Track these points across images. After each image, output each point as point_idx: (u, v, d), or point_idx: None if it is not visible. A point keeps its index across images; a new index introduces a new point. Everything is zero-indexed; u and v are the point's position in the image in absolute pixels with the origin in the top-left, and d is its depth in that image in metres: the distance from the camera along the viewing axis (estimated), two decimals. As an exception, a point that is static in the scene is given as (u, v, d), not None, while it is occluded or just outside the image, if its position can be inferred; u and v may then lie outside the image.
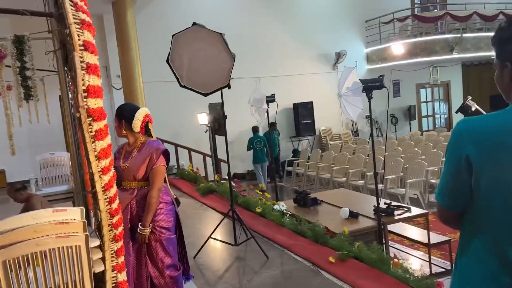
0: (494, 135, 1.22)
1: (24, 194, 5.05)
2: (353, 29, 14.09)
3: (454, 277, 1.33)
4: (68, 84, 3.07)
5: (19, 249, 2.18)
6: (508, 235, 1.20)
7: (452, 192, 1.33)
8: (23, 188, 5.07)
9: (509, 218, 1.20)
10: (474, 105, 2.22)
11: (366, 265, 3.59)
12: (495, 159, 1.21)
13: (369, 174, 8.35)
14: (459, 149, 1.27)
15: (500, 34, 1.28)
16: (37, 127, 8.98)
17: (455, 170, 1.29)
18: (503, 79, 1.30)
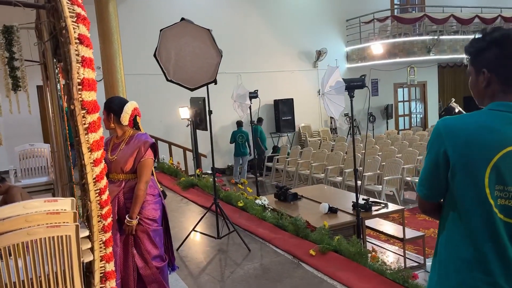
0: (468, 132, 1.34)
1: (3, 186, 4.98)
2: (334, 28, 14.29)
3: (434, 264, 1.45)
4: (56, 76, 3.08)
5: (10, 238, 2.20)
6: (480, 227, 1.32)
7: (430, 184, 1.45)
8: (2, 180, 4.99)
9: (481, 211, 1.32)
10: (458, 107, 2.37)
11: (345, 258, 3.73)
12: (468, 155, 1.33)
13: (347, 171, 8.55)
14: (437, 145, 1.39)
15: (475, 44, 1.40)
16: (13, 118, 8.82)
17: (434, 164, 1.41)
18: (478, 85, 1.42)
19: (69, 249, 2.37)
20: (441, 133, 1.38)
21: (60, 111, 3.09)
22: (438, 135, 1.39)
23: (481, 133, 1.32)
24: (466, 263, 1.33)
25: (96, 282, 2.55)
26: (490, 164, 1.30)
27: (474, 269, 1.32)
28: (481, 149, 1.31)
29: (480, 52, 1.39)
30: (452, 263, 1.37)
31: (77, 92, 2.16)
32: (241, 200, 5.64)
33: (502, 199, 1.30)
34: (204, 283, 3.64)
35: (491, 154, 1.30)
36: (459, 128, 1.36)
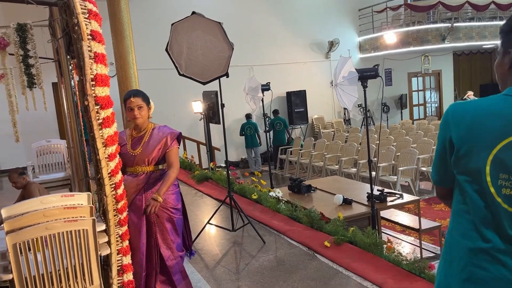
0: (473, 117, 1.29)
1: (23, 180, 5.08)
2: (346, 18, 14.13)
3: (444, 251, 1.43)
4: (70, 72, 3.12)
5: (29, 233, 2.25)
6: (482, 217, 1.28)
7: (439, 170, 1.43)
8: (22, 174, 5.09)
9: (482, 200, 1.28)
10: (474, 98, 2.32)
11: (360, 249, 3.72)
12: (469, 141, 1.28)
13: (361, 162, 8.50)
14: (445, 130, 1.36)
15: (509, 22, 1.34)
16: (29, 115, 8.97)
17: (442, 150, 1.39)
18: (503, 65, 1.35)
19: (87, 243, 2.41)
20: (448, 118, 1.35)
21: (74, 107, 3.13)
22: (445, 120, 1.36)
23: (487, 118, 1.26)
24: (472, 251, 1.31)
25: (113, 275, 2.60)
26: (493, 152, 1.24)
27: (478, 257, 1.29)
28: (484, 135, 1.25)
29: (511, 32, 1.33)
30: (456, 251, 1.36)
31: (91, 88, 2.18)
32: (255, 192, 5.65)
33: (507, 189, 1.24)
34: (219, 275, 3.67)
35: (495, 141, 1.24)
36: (465, 112, 1.31)
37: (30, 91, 3.85)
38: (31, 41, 3.54)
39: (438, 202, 7.64)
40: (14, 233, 2.23)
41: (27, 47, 3.50)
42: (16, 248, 2.24)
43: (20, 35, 3.42)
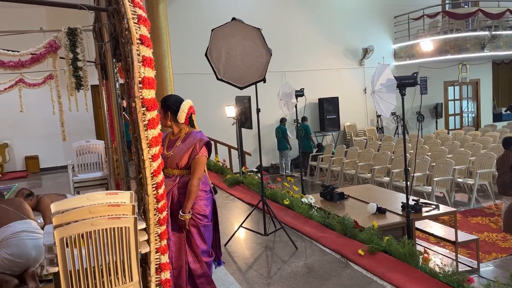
0: None
1: (33, 200, 4.63)
2: (381, 25, 13.97)
3: None
4: (115, 75, 3.23)
5: (76, 228, 2.34)
6: None
7: None
8: (31, 195, 4.66)
9: None
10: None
11: (395, 259, 3.66)
12: None
13: (395, 171, 8.35)
14: None
15: None
16: (68, 116, 9.34)
17: None
18: None
19: (128, 240, 2.49)
20: None
21: (118, 109, 3.24)
22: None
23: None
24: None
25: (152, 273, 2.66)
26: None
27: None
28: None
29: None
30: None
31: (138, 90, 2.26)
32: (287, 198, 5.65)
33: None
34: (251, 279, 3.69)
35: None
36: None
37: (77, 92, 4.01)
38: (80, 44, 3.70)
39: (475, 214, 7.42)
40: (62, 227, 2.32)
41: (76, 50, 3.66)
42: (63, 242, 2.33)
43: (71, 39, 3.58)
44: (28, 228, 3.72)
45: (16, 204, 3.96)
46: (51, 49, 3.76)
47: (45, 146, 10.49)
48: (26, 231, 3.67)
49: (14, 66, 3.90)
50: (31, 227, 3.74)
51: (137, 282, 2.59)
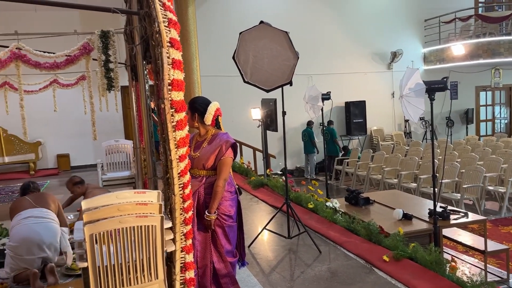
0: None
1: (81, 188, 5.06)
2: (410, 28, 13.74)
3: None
4: (145, 77, 3.31)
5: (105, 225, 2.41)
6: None
7: None
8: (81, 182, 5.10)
9: None
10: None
11: (421, 266, 3.59)
12: None
13: (422, 177, 8.19)
14: None
15: None
16: (99, 116, 9.57)
17: None
18: None
19: (154, 238, 2.54)
20: None
21: (147, 110, 3.32)
22: None
23: None
24: None
25: (176, 271, 2.71)
26: None
27: None
28: None
29: None
30: None
31: (167, 92, 2.31)
32: (311, 201, 5.63)
33: None
34: (275, 281, 3.70)
35: None
36: None
37: (109, 93, 4.13)
38: (112, 47, 3.81)
39: (506, 224, 7.19)
40: (92, 224, 2.40)
41: (108, 53, 3.78)
42: (92, 238, 2.41)
43: (103, 41, 3.70)
44: (34, 213, 3.75)
45: (39, 197, 4.01)
46: (85, 51, 3.89)
47: (76, 144, 10.79)
48: (32, 217, 3.72)
49: (50, 67, 4.06)
50: (38, 213, 3.77)
51: (162, 280, 2.64)
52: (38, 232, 3.63)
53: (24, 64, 3.86)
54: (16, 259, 3.60)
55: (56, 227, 3.81)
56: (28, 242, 3.58)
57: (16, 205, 3.91)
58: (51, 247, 3.69)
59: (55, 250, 3.76)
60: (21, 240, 3.59)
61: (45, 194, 4.18)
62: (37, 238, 3.61)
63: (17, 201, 4.03)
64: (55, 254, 3.77)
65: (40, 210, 3.82)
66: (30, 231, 3.61)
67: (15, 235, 3.64)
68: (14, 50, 3.84)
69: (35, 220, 3.71)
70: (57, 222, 3.87)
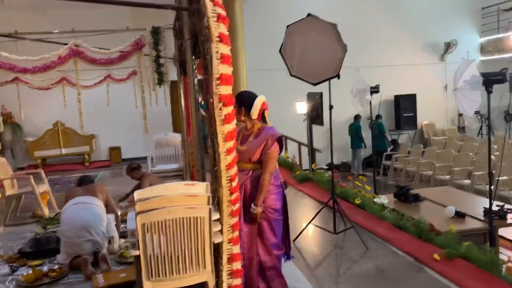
0: None
1: (138, 173, 5.65)
2: (466, 17, 13.07)
3: None
4: (194, 72, 3.38)
5: (156, 215, 2.50)
6: None
7: None
8: (137, 168, 5.66)
9: None
10: None
11: (475, 267, 3.44)
12: None
13: (476, 174, 7.82)
14: None
15: None
16: (148, 109, 9.87)
17: None
18: None
19: (203, 229, 2.60)
20: None
21: (196, 104, 3.39)
22: None
23: None
24: None
25: (223, 262, 2.75)
26: None
27: None
28: None
29: None
30: None
31: (216, 86, 2.35)
32: (359, 197, 5.53)
33: None
34: (320, 276, 3.68)
35: None
36: None
37: (159, 87, 4.25)
38: (162, 42, 3.93)
39: None
40: (144, 214, 2.49)
41: (159, 48, 3.89)
42: (144, 227, 2.50)
43: (154, 37, 3.82)
44: (80, 200, 4.03)
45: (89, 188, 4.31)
46: (137, 47, 4.03)
47: (127, 137, 11.21)
48: (78, 203, 3.99)
49: (105, 63, 4.24)
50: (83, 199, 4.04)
51: (210, 271, 2.70)
52: (82, 216, 3.88)
53: (82, 61, 4.06)
54: (67, 244, 3.84)
55: (100, 212, 4.06)
56: (74, 225, 3.83)
57: (68, 195, 4.25)
58: (98, 232, 3.90)
59: (104, 236, 3.95)
60: (68, 224, 3.87)
61: (95, 185, 4.51)
62: (82, 221, 3.85)
63: (70, 190, 4.43)
64: (104, 239, 3.96)
65: (87, 197, 4.10)
66: (76, 216, 3.88)
67: (64, 220, 3.95)
68: (73, 47, 4.04)
69: (81, 205, 3.99)
70: (102, 208, 4.12)
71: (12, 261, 4.11)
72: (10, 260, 4.15)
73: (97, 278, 3.61)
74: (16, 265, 4.01)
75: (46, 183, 6.10)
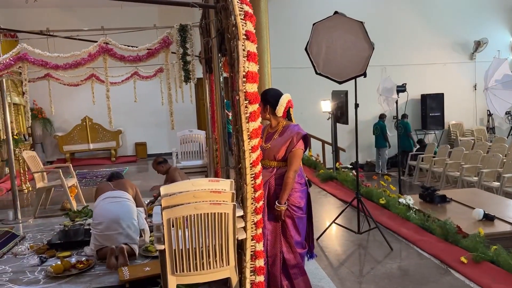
0: None
1: (165, 167, 5.75)
2: (497, 15, 12.69)
3: None
4: (220, 69, 3.40)
5: (181, 210, 2.54)
6: None
7: None
8: (163, 162, 5.76)
9: None
10: None
11: (505, 271, 3.35)
12: None
13: (506, 176, 7.60)
14: None
15: None
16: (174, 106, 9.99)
17: None
18: None
19: (227, 226, 2.63)
20: None
21: (221, 101, 3.41)
22: None
23: None
24: None
25: (247, 259, 2.77)
26: None
27: None
28: None
29: None
30: None
31: (242, 84, 2.36)
32: (383, 197, 5.46)
33: None
34: (343, 275, 3.66)
35: None
36: None
37: (186, 85, 4.30)
38: (189, 40, 3.97)
39: None
40: (169, 209, 2.53)
41: (186, 46, 3.94)
42: (170, 222, 2.54)
43: (181, 35, 3.87)
44: (111, 194, 4.14)
45: (119, 182, 4.43)
46: (165, 45, 4.09)
47: (152, 133, 11.39)
48: (110, 197, 4.11)
49: (133, 60, 4.32)
50: (115, 194, 4.16)
51: (233, 267, 2.73)
52: (114, 210, 3.98)
53: (111, 58, 4.15)
54: (99, 236, 3.93)
55: (131, 206, 4.17)
56: (106, 219, 3.93)
57: (99, 188, 4.38)
58: (129, 225, 3.98)
59: (135, 229, 4.03)
60: (100, 218, 3.97)
61: (125, 180, 4.63)
62: (114, 215, 3.95)
63: (101, 185, 4.54)
64: (135, 233, 4.04)
65: (118, 192, 4.22)
66: (107, 210, 3.98)
67: (96, 214, 4.06)
68: (102, 44, 4.13)
69: (112, 199, 4.11)
70: (133, 202, 4.24)
71: (41, 252, 4.25)
72: (39, 251, 4.29)
73: (123, 270, 3.69)
74: (45, 256, 4.14)
75: (74, 177, 6.27)
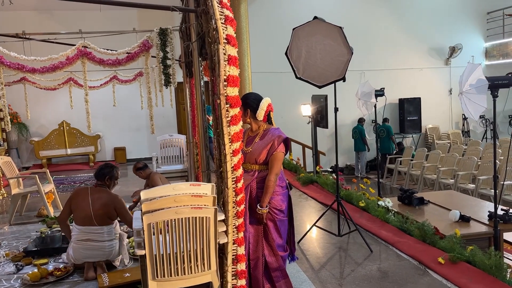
0: None
1: (144, 173, 5.62)
2: (471, 22, 13.06)
3: None
4: (201, 73, 3.40)
5: (162, 215, 2.52)
6: None
7: None
8: (144, 167, 5.65)
9: None
10: None
11: (480, 270, 3.43)
12: None
13: (481, 178, 7.80)
14: None
15: None
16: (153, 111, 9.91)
17: None
18: None
19: (208, 230, 2.62)
20: None
21: (202, 105, 3.41)
22: None
23: None
24: None
25: (228, 263, 2.76)
26: None
27: None
28: None
29: None
30: None
31: (223, 87, 2.36)
32: (363, 200, 5.53)
33: None
34: (324, 278, 3.68)
35: None
36: None
37: (166, 89, 4.28)
38: (170, 44, 3.95)
39: None
40: (150, 214, 2.51)
41: (166, 49, 3.92)
42: (150, 227, 2.52)
43: (162, 39, 3.85)
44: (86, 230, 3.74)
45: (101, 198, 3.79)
46: (144, 48, 4.06)
47: (132, 138, 11.27)
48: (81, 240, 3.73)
49: (112, 64, 4.27)
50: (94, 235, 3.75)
51: (215, 271, 2.72)
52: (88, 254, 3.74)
53: (89, 61, 4.09)
54: (77, 249, 3.80)
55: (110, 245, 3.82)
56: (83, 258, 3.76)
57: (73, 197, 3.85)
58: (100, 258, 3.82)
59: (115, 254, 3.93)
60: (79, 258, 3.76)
61: (106, 193, 3.83)
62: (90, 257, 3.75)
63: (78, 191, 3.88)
64: (116, 256, 3.96)
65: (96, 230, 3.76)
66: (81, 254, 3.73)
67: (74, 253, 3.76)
68: (81, 48, 4.08)
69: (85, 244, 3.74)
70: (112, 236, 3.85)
71: (17, 260, 4.14)
72: (15, 258, 4.18)
73: (102, 277, 3.64)
74: (21, 264, 4.04)
75: (51, 182, 6.14)
